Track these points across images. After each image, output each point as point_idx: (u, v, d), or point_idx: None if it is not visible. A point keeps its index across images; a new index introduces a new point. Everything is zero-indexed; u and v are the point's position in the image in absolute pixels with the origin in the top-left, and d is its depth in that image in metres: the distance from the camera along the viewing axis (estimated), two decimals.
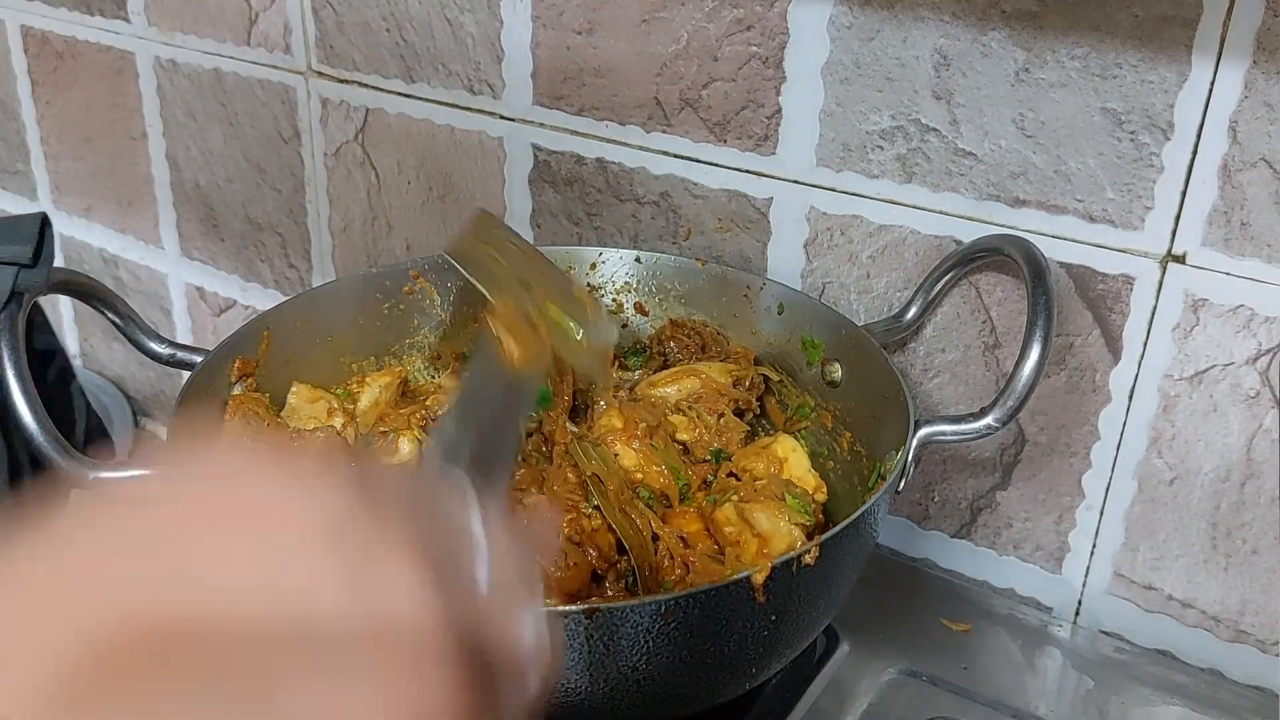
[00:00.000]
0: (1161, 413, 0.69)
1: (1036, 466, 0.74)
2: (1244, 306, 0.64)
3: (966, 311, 0.74)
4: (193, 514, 0.27)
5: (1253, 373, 0.65)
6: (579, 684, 0.51)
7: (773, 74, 0.75)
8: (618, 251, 0.82)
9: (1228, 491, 0.68)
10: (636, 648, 0.51)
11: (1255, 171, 0.62)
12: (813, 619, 0.59)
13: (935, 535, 0.80)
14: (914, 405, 0.64)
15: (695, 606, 0.51)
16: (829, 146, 0.75)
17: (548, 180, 0.89)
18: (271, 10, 1.00)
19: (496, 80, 0.88)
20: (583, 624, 0.50)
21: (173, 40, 1.09)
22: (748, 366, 0.76)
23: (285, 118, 1.03)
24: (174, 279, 1.23)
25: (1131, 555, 0.73)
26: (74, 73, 1.20)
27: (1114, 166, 0.65)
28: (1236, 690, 0.70)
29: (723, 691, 0.58)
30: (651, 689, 0.53)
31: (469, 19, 0.88)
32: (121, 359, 1.29)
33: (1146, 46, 0.62)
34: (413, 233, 1.00)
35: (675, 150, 0.82)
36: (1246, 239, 0.63)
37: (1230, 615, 0.70)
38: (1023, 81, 0.66)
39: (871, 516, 0.58)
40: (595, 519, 0.63)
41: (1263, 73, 0.60)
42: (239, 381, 0.72)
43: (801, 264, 0.79)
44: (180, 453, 0.35)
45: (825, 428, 0.73)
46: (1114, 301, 0.68)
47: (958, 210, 0.71)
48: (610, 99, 0.83)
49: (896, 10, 0.69)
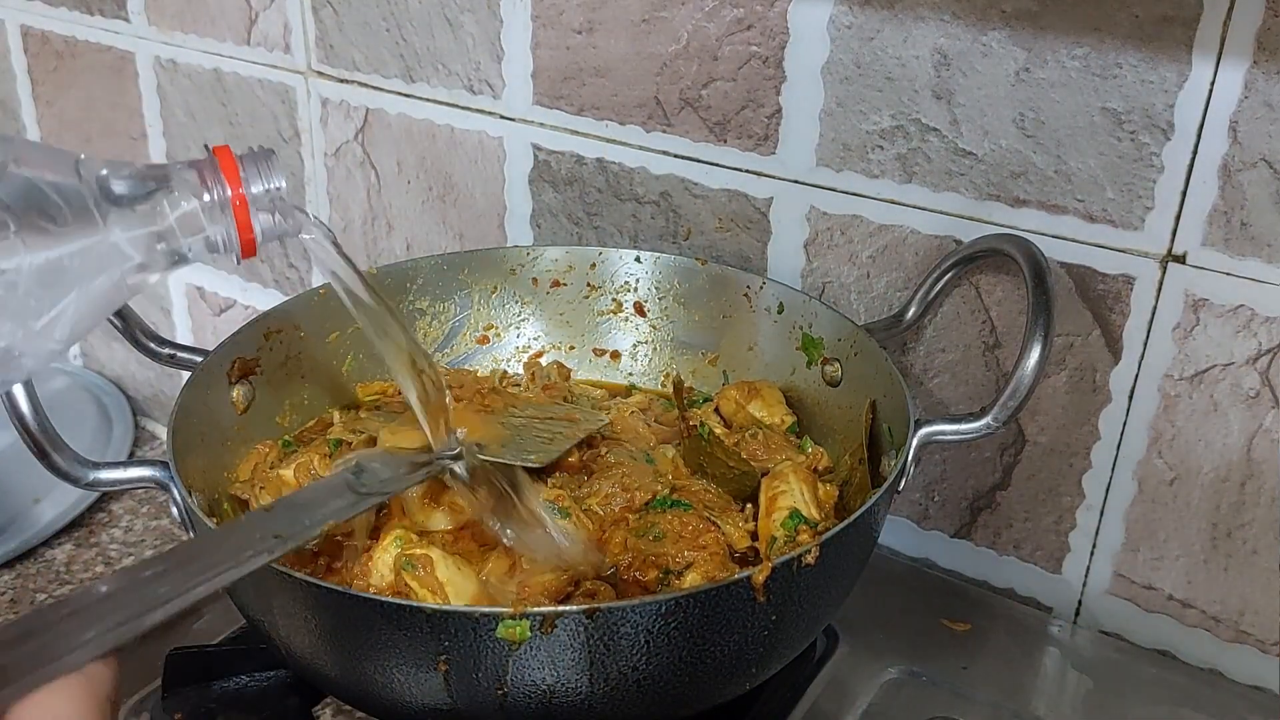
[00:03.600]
0: (1162, 413, 0.69)
1: (1036, 466, 0.74)
2: (1244, 306, 0.64)
3: (966, 311, 0.74)
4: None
5: (1253, 373, 0.65)
6: (579, 684, 0.51)
7: (773, 74, 0.75)
8: (618, 251, 0.82)
9: (1228, 491, 0.68)
10: (636, 648, 0.51)
11: (1255, 171, 0.62)
12: (813, 619, 0.59)
13: (935, 535, 0.80)
14: (914, 405, 0.64)
15: (695, 606, 0.51)
16: (829, 146, 0.75)
17: (548, 180, 0.89)
18: (271, 10, 1.00)
19: (496, 80, 0.88)
20: (583, 624, 0.50)
21: (173, 40, 1.09)
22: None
23: (285, 118, 1.03)
24: (174, 279, 1.23)
25: (1131, 555, 0.73)
26: (74, 73, 1.20)
27: (1114, 166, 0.65)
28: (1236, 690, 0.70)
29: (723, 691, 0.58)
30: (651, 689, 0.53)
31: (469, 19, 0.88)
32: (121, 359, 1.29)
33: (1146, 46, 0.62)
34: (413, 233, 1.00)
35: (675, 150, 0.82)
36: (1247, 239, 0.63)
37: (1230, 615, 0.70)
38: (1023, 81, 0.66)
39: (871, 516, 0.58)
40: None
41: (1263, 73, 0.60)
42: (239, 381, 0.72)
43: (801, 264, 0.79)
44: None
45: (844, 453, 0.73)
46: (1114, 301, 0.68)
47: (958, 210, 0.71)
48: (610, 99, 0.83)
49: (897, 10, 0.69)
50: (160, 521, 0.99)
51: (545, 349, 0.85)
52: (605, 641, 0.50)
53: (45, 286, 0.44)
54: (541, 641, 0.50)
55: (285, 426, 0.76)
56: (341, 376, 0.79)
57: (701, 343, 0.82)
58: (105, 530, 0.98)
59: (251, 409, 0.73)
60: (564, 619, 0.49)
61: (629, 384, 0.84)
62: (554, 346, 0.85)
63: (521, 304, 0.84)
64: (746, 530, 0.65)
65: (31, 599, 0.88)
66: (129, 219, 0.47)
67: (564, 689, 0.52)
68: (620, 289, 0.83)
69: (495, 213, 0.93)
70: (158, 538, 0.97)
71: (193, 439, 0.66)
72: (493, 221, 0.94)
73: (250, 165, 0.50)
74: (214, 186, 0.50)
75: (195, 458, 0.65)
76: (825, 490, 0.66)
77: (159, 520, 0.99)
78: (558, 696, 0.52)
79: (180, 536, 0.96)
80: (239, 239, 0.50)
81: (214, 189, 0.50)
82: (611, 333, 0.84)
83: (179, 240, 0.49)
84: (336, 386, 0.79)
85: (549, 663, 0.50)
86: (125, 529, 0.98)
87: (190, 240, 0.49)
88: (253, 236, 0.51)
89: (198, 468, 0.65)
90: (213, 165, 0.50)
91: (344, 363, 0.79)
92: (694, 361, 0.82)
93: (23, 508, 0.97)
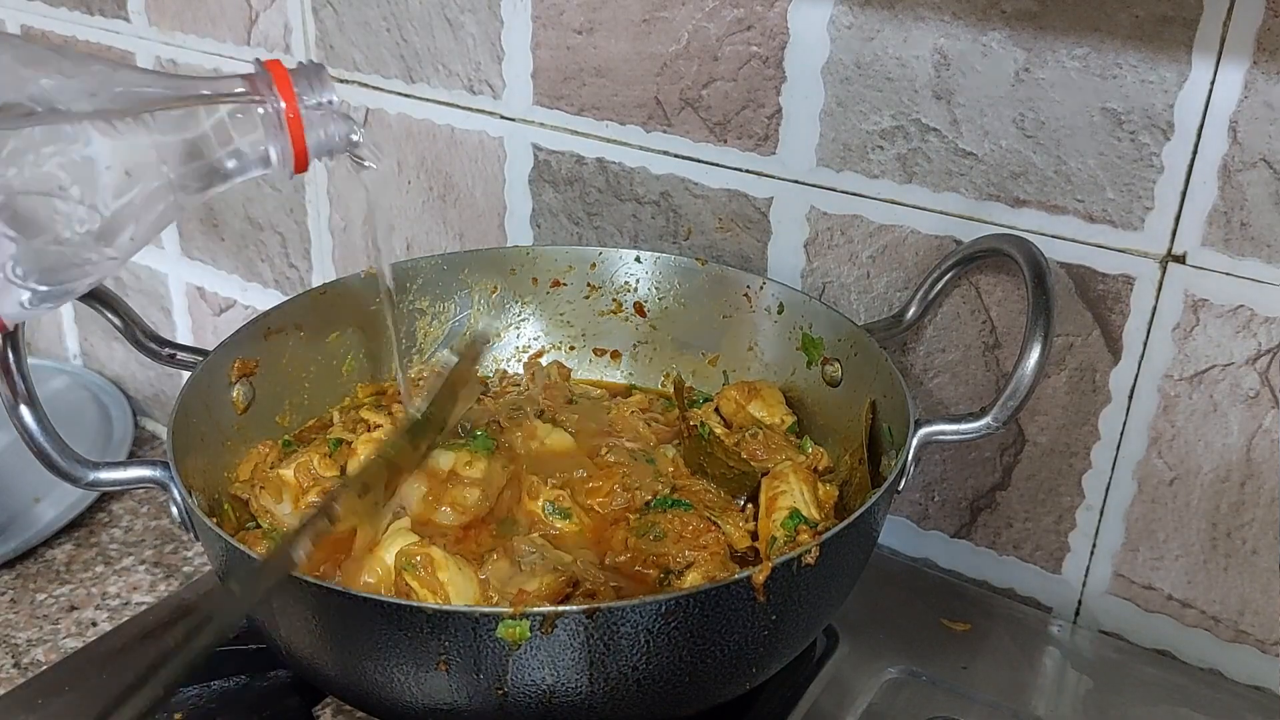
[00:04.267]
0: (1161, 413, 0.69)
1: (1036, 466, 0.74)
2: (1244, 307, 0.64)
3: (966, 311, 0.74)
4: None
5: (1253, 373, 0.65)
6: (579, 684, 0.52)
7: (773, 74, 0.75)
8: (618, 251, 0.82)
9: (1228, 491, 0.68)
10: (636, 648, 0.51)
11: (1255, 171, 0.62)
12: (813, 619, 0.59)
13: (935, 535, 0.80)
14: (914, 405, 0.64)
15: (695, 606, 0.51)
16: (829, 146, 0.75)
17: (548, 180, 0.89)
18: (271, 10, 1.00)
19: (496, 80, 0.88)
20: (583, 624, 0.50)
21: (173, 40, 1.09)
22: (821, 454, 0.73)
23: None
24: (174, 279, 1.23)
25: (1131, 555, 0.73)
26: None
27: (1114, 166, 0.65)
28: (1236, 690, 0.70)
29: (723, 691, 0.58)
30: (651, 689, 0.53)
31: (469, 19, 0.88)
32: (121, 359, 1.29)
33: (1146, 46, 0.62)
34: (413, 233, 1.00)
35: (675, 150, 0.82)
36: (1246, 239, 0.63)
37: (1230, 615, 0.70)
38: (1023, 81, 0.67)
39: (871, 516, 0.58)
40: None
41: (1263, 73, 0.60)
42: (239, 381, 0.72)
43: (801, 264, 0.79)
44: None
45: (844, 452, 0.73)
46: (1114, 301, 0.68)
47: (958, 210, 0.71)
48: (610, 99, 0.83)
49: (896, 10, 0.69)
50: (160, 521, 0.99)
51: (545, 349, 0.85)
52: (605, 641, 0.50)
53: (115, 177, 0.45)
54: (541, 641, 0.50)
55: (285, 426, 0.76)
56: (341, 376, 0.79)
57: (701, 343, 0.82)
58: (105, 530, 0.98)
59: (251, 409, 0.73)
60: (564, 619, 0.49)
61: (629, 384, 0.84)
62: (554, 346, 0.85)
63: (521, 304, 0.84)
64: (746, 530, 0.65)
65: (31, 599, 0.88)
66: (183, 126, 0.48)
67: (564, 689, 0.52)
68: (620, 289, 0.83)
69: (495, 213, 0.93)
70: (158, 538, 0.97)
71: (193, 439, 0.66)
72: (493, 221, 0.94)
73: (302, 79, 0.50)
74: (268, 100, 0.49)
75: (195, 458, 0.65)
76: (825, 490, 0.66)
77: (159, 520, 0.99)
78: (558, 696, 0.52)
79: (180, 536, 0.97)
80: (293, 152, 0.50)
81: (268, 102, 0.49)
82: (611, 333, 0.84)
83: (228, 153, 0.49)
84: (336, 386, 0.79)
85: (549, 663, 0.50)
86: (125, 529, 0.98)
87: (239, 152, 0.49)
88: (306, 149, 0.50)
89: (198, 468, 0.65)
90: (265, 78, 0.49)
91: (344, 363, 0.79)
92: (694, 361, 0.82)
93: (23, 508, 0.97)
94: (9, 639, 0.84)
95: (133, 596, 0.89)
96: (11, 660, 0.82)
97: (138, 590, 0.90)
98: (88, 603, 0.88)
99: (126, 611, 0.87)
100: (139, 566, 0.93)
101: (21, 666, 0.81)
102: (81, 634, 0.85)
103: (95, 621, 0.86)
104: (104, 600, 0.88)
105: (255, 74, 0.50)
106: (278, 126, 0.50)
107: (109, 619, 0.86)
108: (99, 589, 0.90)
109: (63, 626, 0.85)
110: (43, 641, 0.83)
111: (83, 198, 0.45)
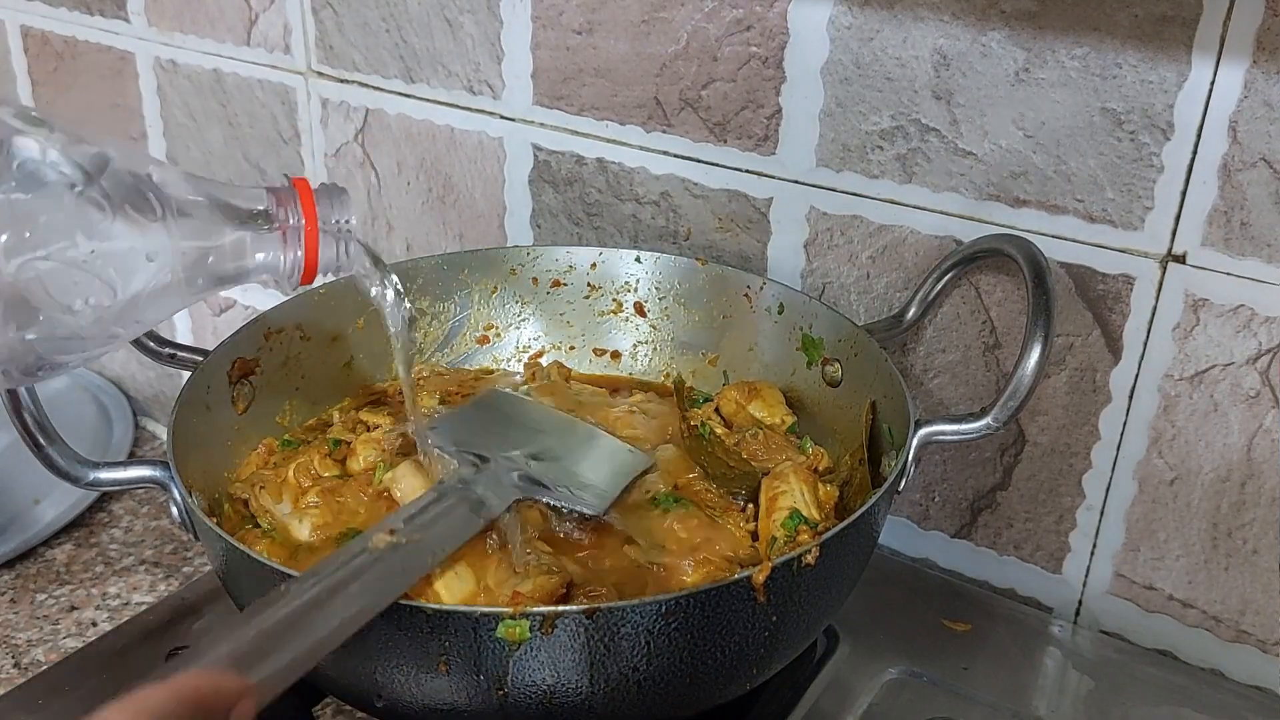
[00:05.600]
0: (1162, 413, 0.69)
1: (1036, 467, 0.74)
2: (1244, 306, 0.64)
3: (966, 311, 0.74)
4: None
5: (1253, 373, 0.65)
6: (579, 684, 0.51)
7: (773, 74, 0.75)
8: (618, 251, 0.82)
9: (1228, 491, 0.68)
10: (636, 648, 0.51)
11: (1255, 171, 0.62)
12: (813, 619, 0.59)
13: (935, 535, 0.80)
14: (914, 405, 0.64)
15: (695, 606, 0.51)
16: (829, 146, 0.75)
17: (548, 180, 0.89)
18: (271, 10, 1.00)
19: (496, 80, 0.88)
20: (583, 624, 0.50)
21: (173, 40, 1.09)
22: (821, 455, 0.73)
23: (285, 118, 1.03)
24: None
25: (1132, 555, 0.73)
26: (74, 73, 1.20)
27: (1114, 166, 0.65)
28: (1237, 690, 0.70)
29: (723, 692, 0.58)
30: (651, 689, 0.53)
31: (469, 19, 0.88)
32: (121, 359, 1.29)
33: (1146, 46, 0.62)
34: (413, 233, 1.00)
35: (675, 150, 0.82)
36: (1246, 239, 0.63)
37: (1230, 615, 0.70)
38: (1023, 81, 0.66)
39: (872, 516, 0.58)
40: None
41: (1263, 72, 0.60)
42: (239, 381, 0.72)
43: (801, 264, 0.79)
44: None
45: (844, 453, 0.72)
46: (1114, 301, 0.68)
47: (958, 210, 0.71)
48: (610, 99, 0.83)
49: (896, 10, 0.69)
50: (160, 521, 0.99)
51: (545, 349, 0.85)
52: (605, 641, 0.50)
53: (123, 273, 0.48)
54: (541, 641, 0.50)
55: (285, 426, 0.75)
56: (341, 376, 0.79)
57: (701, 343, 0.82)
58: (105, 530, 0.98)
59: (251, 409, 0.73)
60: (564, 619, 0.49)
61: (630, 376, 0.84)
62: (554, 346, 0.85)
63: (521, 304, 0.84)
64: (747, 530, 0.65)
65: (31, 599, 0.88)
66: (210, 229, 0.51)
67: (564, 689, 0.52)
68: (620, 289, 0.83)
69: (495, 213, 0.93)
70: (158, 538, 0.97)
71: (193, 439, 0.65)
72: (493, 222, 0.94)
73: (325, 199, 0.54)
74: (290, 214, 0.53)
75: (195, 458, 0.65)
76: (825, 490, 0.66)
77: (159, 520, 0.99)
78: (558, 697, 0.52)
79: (180, 536, 0.96)
80: (304, 266, 0.54)
81: (290, 216, 0.53)
82: (611, 333, 0.84)
83: (239, 259, 0.52)
84: (336, 386, 0.79)
85: (549, 663, 0.50)
86: (125, 529, 0.98)
87: (250, 262, 0.53)
88: (316, 265, 0.54)
89: (198, 468, 0.65)
90: (291, 194, 0.53)
91: (344, 362, 0.79)
92: (694, 361, 0.82)
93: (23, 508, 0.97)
94: (9, 639, 0.84)
95: (133, 596, 0.89)
96: (11, 660, 0.82)
97: (138, 590, 0.90)
98: (88, 603, 0.88)
99: (126, 611, 0.87)
100: (139, 567, 0.93)
101: (21, 667, 0.81)
102: (81, 634, 0.84)
103: (95, 621, 0.86)
104: (104, 600, 0.88)
105: (282, 189, 0.54)
106: (296, 242, 0.53)
107: (109, 619, 0.86)
108: (99, 589, 0.90)
109: (63, 627, 0.85)
110: (43, 642, 0.83)
111: (103, 274, 0.47)
